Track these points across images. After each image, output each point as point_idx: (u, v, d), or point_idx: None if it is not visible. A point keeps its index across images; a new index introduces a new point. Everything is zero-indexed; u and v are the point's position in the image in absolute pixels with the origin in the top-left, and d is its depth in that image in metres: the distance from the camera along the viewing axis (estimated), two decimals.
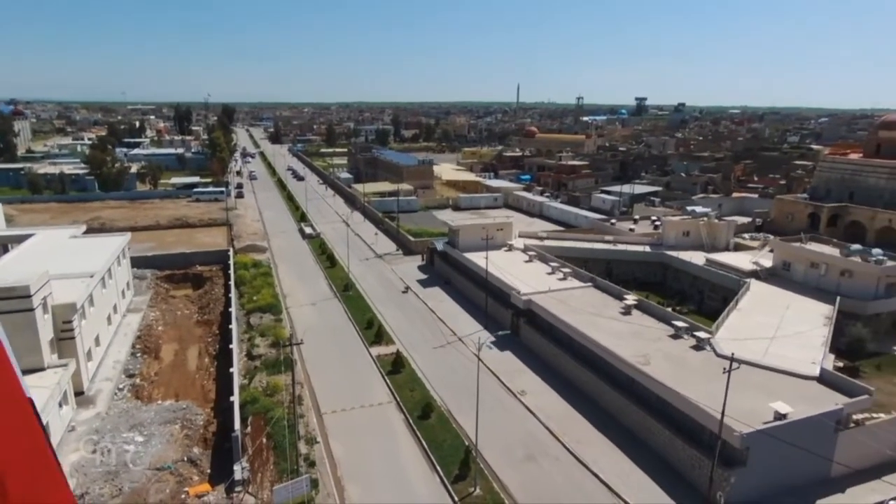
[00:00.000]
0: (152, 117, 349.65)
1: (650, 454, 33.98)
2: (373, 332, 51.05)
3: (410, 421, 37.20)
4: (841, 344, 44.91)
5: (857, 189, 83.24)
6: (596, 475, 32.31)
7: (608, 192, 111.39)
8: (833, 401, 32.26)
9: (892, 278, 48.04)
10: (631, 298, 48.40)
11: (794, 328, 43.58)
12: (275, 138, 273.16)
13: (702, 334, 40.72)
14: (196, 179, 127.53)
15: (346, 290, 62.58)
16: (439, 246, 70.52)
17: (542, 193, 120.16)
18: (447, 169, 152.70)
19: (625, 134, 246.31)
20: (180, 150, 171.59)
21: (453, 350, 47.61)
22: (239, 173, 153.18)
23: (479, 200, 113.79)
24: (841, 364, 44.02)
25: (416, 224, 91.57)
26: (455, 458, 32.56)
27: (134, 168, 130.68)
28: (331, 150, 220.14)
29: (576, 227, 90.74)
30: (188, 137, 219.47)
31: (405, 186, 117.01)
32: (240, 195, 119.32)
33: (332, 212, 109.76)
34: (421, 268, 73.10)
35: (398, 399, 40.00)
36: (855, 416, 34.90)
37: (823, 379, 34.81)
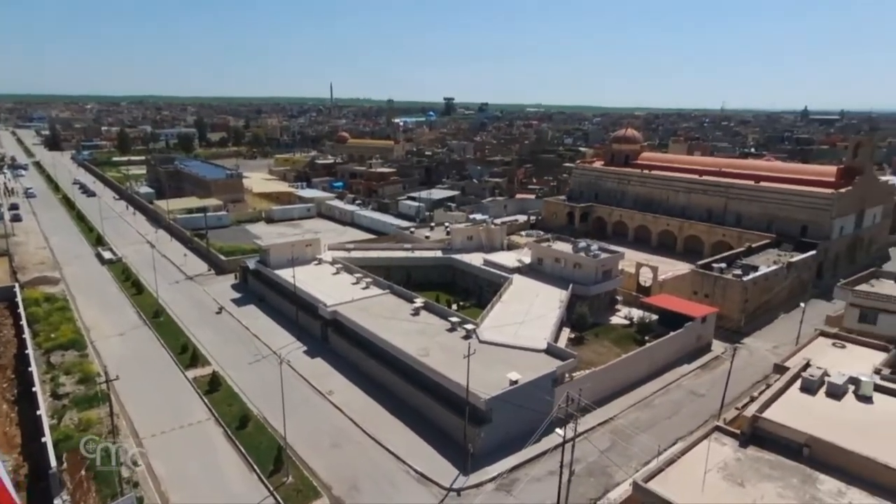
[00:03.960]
0: None
1: (431, 427, 43.35)
2: (188, 355, 53.77)
3: (229, 432, 42.05)
4: (573, 320, 59.65)
5: (599, 191, 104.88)
6: (388, 450, 40.74)
7: (413, 199, 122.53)
8: (552, 366, 44.81)
9: (605, 267, 64.61)
10: (419, 301, 58.14)
11: (538, 312, 56.94)
12: (52, 144, 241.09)
13: (469, 326, 51.64)
14: None
15: (157, 317, 63.37)
16: (252, 264, 73.76)
17: (353, 201, 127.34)
18: (258, 179, 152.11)
19: (431, 138, 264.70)
20: None
21: (267, 363, 52.72)
22: (11, 192, 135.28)
23: (292, 212, 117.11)
24: (573, 335, 58.74)
25: (228, 241, 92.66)
26: (270, 456, 38.54)
27: None
28: (125, 158, 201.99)
29: (385, 234, 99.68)
30: None
31: (214, 201, 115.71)
32: (16, 218, 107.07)
33: (133, 232, 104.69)
34: (235, 286, 75.53)
35: (216, 415, 44.37)
36: (574, 374, 48.31)
37: (549, 350, 47.52)
